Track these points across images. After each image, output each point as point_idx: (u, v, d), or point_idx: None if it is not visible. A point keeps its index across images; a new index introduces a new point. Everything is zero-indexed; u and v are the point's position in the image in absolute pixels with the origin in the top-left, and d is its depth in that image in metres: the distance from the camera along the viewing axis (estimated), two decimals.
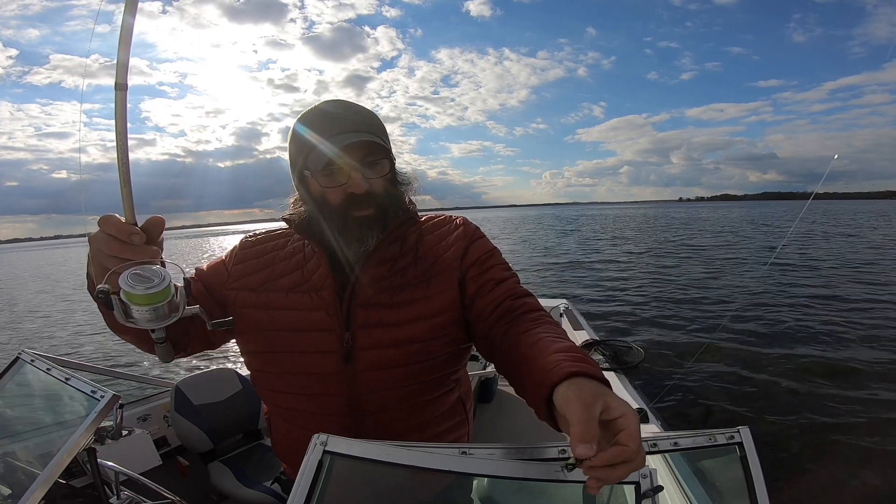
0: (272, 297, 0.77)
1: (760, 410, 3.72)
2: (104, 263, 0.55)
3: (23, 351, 1.04)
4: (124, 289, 0.52)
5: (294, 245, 0.83)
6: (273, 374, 0.80)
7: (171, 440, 1.96)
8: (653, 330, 6.25)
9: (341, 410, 0.76)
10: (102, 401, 0.84)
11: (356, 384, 0.74)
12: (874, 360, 4.67)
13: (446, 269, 0.78)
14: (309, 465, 0.49)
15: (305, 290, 0.76)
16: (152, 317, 0.54)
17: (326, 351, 0.74)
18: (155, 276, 0.53)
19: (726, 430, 0.57)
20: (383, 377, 0.74)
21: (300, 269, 0.79)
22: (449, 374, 0.81)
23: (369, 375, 0.74)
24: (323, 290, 0.75)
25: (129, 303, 0.52)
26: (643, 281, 10.34)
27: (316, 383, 0.75)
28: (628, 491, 0.50)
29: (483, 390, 2.69)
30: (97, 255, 0.56)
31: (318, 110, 0.75)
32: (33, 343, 8.04)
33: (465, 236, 0.83)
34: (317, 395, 0.76)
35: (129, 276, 0.53)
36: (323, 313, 0.74)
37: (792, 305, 7.24)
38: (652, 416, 1.59)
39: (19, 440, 1.04)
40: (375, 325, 0.74)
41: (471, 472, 0.52)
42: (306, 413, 0.78)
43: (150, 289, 0.52)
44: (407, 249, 0.80)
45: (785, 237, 16.45)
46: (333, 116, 0.73)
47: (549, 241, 24.20)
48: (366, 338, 0.74)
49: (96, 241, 0.55)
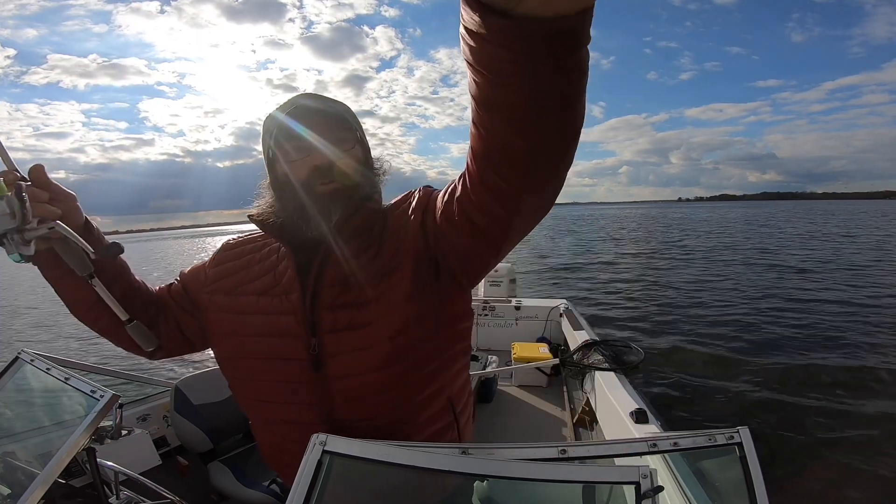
0: (243, 301, 0.74)
1: (760, 411, 3.72)
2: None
3: (22, 351, 1.04)
4: None
5: (271, 247, 0.80)
6: (245, 380, 0.77)
7: (170, 440, 1.96)
8: (653, 330, 6.25)
9: (317, 419, 0.71)
10: (102, 400, 0.83)
11: (328, 393, 0.69)
12: (874, 361, 4.67)
13: (409, 247, 0.70)
14: (308, 465, 0.49)
15: (276, 294, 0.72)
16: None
17: (294, 358, 0.70)
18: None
19: (726, 431, 0.57)
20: (357, 384, 0.69)
21: (272, 272, 0.76)
22: (432, 374, 0.73)
23: (342, 383, 0.69)
24: (291, 293, 0.71)
25: None
26: (643, 282, 10.35)
27: (287, 391, 0.71)
28: (628, 491, 0.50)
29: (483, 390, 2.70)
30: None
31: (290, 99, 0.72)
32: (32, 342, 8.04)
33: (422, 203, 0.72)
34: (290, 403, 0.72)
35: None
36: (291, 318, 0.70)
37: (792, 307, 7.25)
38: (651, 416, 1.59)
39: (19, 440, 1.04)
40: (344, 328, 0.68)
41: (471, 472, 0.52)
42: (282, 421, 0.74)
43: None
44: (372, 240, 0.73)
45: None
46: (301, 100, 0.71)
47: (549, 241, 24.21)
48: (334, 343, 0.68)
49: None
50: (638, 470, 0.47)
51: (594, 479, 0.50)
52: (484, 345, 3.64)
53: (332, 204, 0.69)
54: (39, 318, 10.42)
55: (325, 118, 0.70)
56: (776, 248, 15.95)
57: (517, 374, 2.97)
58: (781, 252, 14.50)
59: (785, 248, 15.51)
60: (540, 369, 2.91)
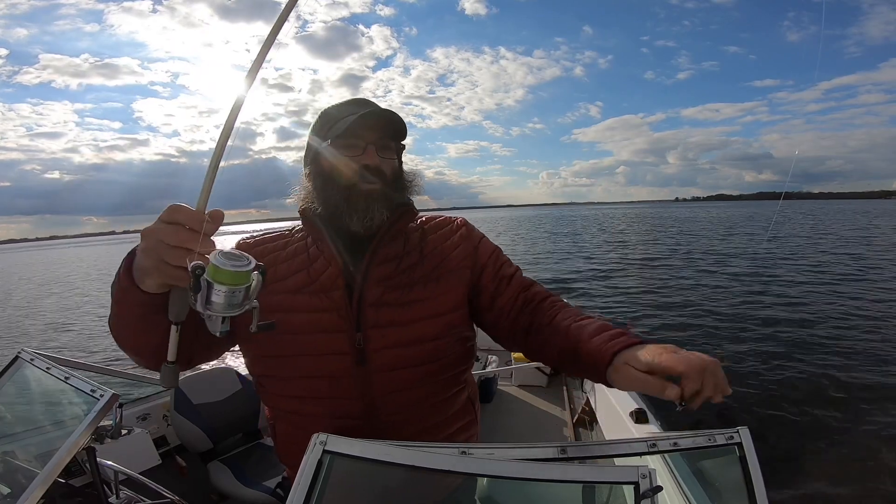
0: (277, 300, 0.75)
1: (760, 411, 3.73)
2: (164, 256, 0.51)
3: (22, 350, 1.04)
4: (214, 263, 0.50)
5: (294, 246, 0.81)
6: (280, 378, 0.77)
7: (170, 439, 1.96)
8: (652, 329, 6.26)
9: (355, 413, 0.74)
10: (102, 400, 0.84)
11: (370, 386, 0.73)
12: (876, 361, 4.68)
13: (455, 267, 0.81)
14: (308, 465, 0.49)
15: (313, 292, 0.75)
16: (231, 301, 0.51)
17: (338, 353, 0.73)
18: (242, 256, 0.52)
19: (726, 431, 0.57)
20: (398, 378, 0.74)
21: (305, 270, 0.77)
22: (459, 374, 0.82)
23: (384, 376, 0.74)
24: (333, 291, 0.74)
25: (214, 282, 0.50)
26: (643, 281, 10.35)
27: (328, 386, 0.74)
28: (627, 491, 0.50)
29: (483, 390, 2.70)
30: (156, 247, 0.52)
31: (353, 99, 0.82)
32: (33, 342, 8.04)
33: (469, 237, 0.86)
34: (328, 398, 0.74)
35: (219, 254, 0.51)
36: (333, 314, 0.74)
37: (792, 307, 7.25)
38: (651, 416, 1.59)
39: (19, 439, 1.04)
40: (387, 324, 0.74)
41: (471, 472, 0.52)
42: (316, 416, 0.76)
43: (238, 267, 0.50)
44: (411, 248, 0.81)
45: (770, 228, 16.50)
46: (363, 101, 0.81)
47: (549, 241, 24.20)
48: (379, 338, 0.73)
49: (157, 232, 0.52)
50: (637, 470, 0.47)
51: (594, 479, 0.50)
52: (484, 345, 3.61)
53: (374, 203, 0.75)
54: (39, 318, 10.42)
55: (384, 117, 0.76)
56: (776, 248, 15.96)
57: (517, 373, 2.97)
58: (782, 253, 14.50)
59: (785, 249, 15.51)
60: (540, 369, 2.91)
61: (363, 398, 0.74)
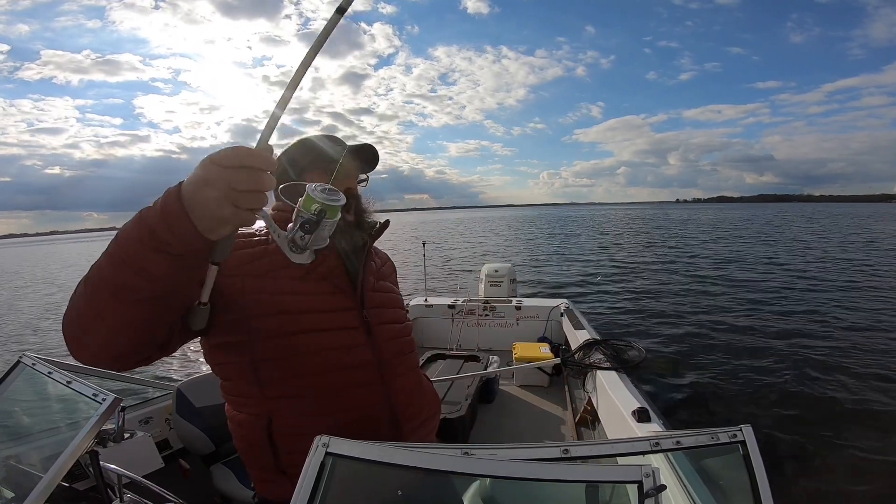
0: (285, 283, 0.82)
1: (763, 408, 3.71)
2: (237, 202, 0.48)
3: (24, 355, 1.04)
4: (323, 201, 0.49)
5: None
6: (290, 357, 0.79)
7: (173, 442, 1.96)
8: (654, 329, 6.24)
9: (372, 378, 0.85)
10: (104, 404, 0.84)
11: (381, 352, 0.87)
12: (880, 359, 4.66)
13: (390, 271, 1.08)
14: (311, 467, 0.49)
15: (319, 278, 0.85)
16: (330, 233, 0.53)
17: (351, 327, 0.86)
18: (335, 190, 0.52)
19: (729, 429, 0.57)
20: (397, 346, 0.92)
21: None
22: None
23: (389, 344, 0.90)
24: (336, 278, 0.87)
25: (325, 218, 0.50)
26: (644, 281, 10.34)
27: (345, 356, 0.83)
28: (631, 490, 0.50)
29: (484, 390, 2.69)
30: (228, 194, 0.48)
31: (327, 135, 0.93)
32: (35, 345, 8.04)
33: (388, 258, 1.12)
34: (343, 368, 0.83)
35: (319, 189, 0.51)
36: (342, 296, 0.87)
37: (794, 305, 7.24)
38: (654, 415, 1.58)
39: (22, 443, 1.04)
40: (380, 306, 0.92)
41: (472, 473, 0.52)
42: (332, 391, 0.81)
43: (338, 201, 0.51)
44: (378, 252, 1.05)
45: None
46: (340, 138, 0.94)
47: (549, 241, 24.19)
48: (377, 316, 0.90)
49: (228, 179, 0.48)
50: (640, 469, 0.47)
51: (597, 479, 0.50)
52: (485, 345, 3.63)
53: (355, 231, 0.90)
54: (40, 318, 10.43)
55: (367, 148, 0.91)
56: (777, 249, 15.92)
57: (518, 373, 2.97)
58: (783, 253, 14.48)
59: (787, 250, 15.49)
60: (541, 369, 2.91)
61: (377, 362, 0.86)
